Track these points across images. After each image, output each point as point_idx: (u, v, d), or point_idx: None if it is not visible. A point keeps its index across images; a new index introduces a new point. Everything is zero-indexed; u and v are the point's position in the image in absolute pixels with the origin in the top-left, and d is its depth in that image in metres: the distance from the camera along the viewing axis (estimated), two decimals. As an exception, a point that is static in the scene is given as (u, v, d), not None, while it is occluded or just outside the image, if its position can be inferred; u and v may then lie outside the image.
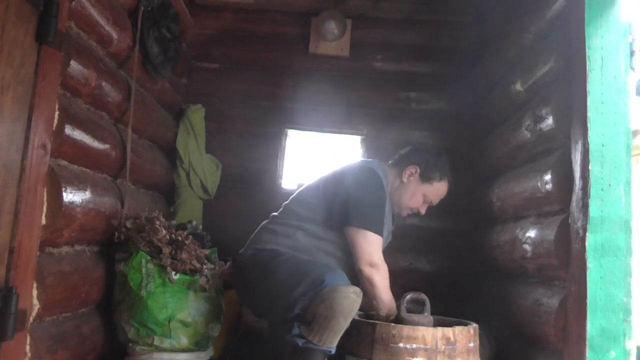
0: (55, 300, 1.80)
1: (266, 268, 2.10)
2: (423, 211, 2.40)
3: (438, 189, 2.35)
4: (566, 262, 1.81)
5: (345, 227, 2.14)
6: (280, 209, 2.35)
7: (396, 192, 2.34)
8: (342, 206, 2.17)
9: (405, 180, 2.33)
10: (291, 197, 2.37)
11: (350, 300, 1.87)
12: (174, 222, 2.74)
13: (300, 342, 1.88)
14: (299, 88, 3.46)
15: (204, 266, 2.31)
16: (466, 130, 3.39)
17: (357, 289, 1.92)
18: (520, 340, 2.30)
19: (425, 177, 2.32)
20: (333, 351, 1.92)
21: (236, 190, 3.35)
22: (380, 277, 2.09)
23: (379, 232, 2.14)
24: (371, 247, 2.11)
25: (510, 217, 2.55)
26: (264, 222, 2.34)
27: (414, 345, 1.84)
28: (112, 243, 2.20)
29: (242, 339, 2.51)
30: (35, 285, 1.67)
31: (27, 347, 1.63)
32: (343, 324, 1.88)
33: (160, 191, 3.09)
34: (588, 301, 1.65)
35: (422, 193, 2.33)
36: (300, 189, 2.38)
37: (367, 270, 2.09)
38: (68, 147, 1.86)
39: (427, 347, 1.84)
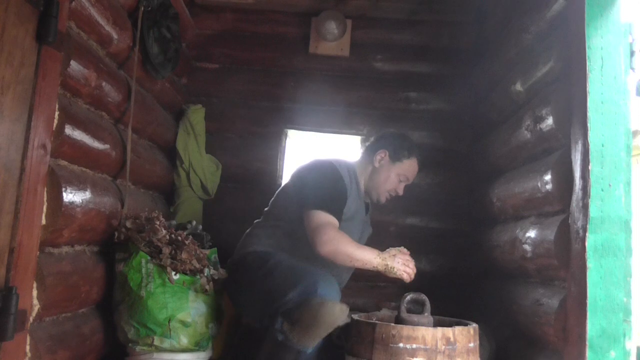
0: (55, 301, 1.80)
1: (259, 271, 2.17)
2: (401, 191, 2.52)
3: (410, 166, 2.49)
4: (566, 262, 1.81)
5: (302, 214, 2.22)
6: (262, 215, 2.46)
7: (371, 179, 2.47)
8: (298, 195, 2.29)
9: (377, 165, 2.46)
10: (270, 202, 2.48)
11: (334, 317, 1.92)
12: (173, 222, 2.74)
13: (279, 336, 1.97)
14: (299, 88, 3.46)
15: (206, 268, 2.31)
16: (466, 130, 3.39)
17: (344, 307, 1.96)
18: (520, 340, 2.30)
19: (395, 157, 2.46)
20: (309, 351, 1.99)
21: (236, 190, 3.34)
22: (342, 245, 2.10)
23: (328, 209, 2.18)
24: (318, 223, 2.14)
25: (510, 217, 2.55)
26: (248, 229, 2.44)
27: (414, 345, 1.84)
28: (112, 243, 2.20)
29: (242, 339, 2.51)
30: (35, 285, 1.67)
31: (27, 347, 1.63)
32: (324, 334, 1.95)
33: (160, 191, 3.09)
34: (588, 301, 1.64)
35: (396, 173, 2.46)
36: (277, 192, 2.49)
37: (324, 250, 2.10)
38: (68, 147, 1.86)
39: (427, 347, 1.84)
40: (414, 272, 2.18)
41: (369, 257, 2.12)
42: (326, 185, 2.27)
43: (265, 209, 2.48)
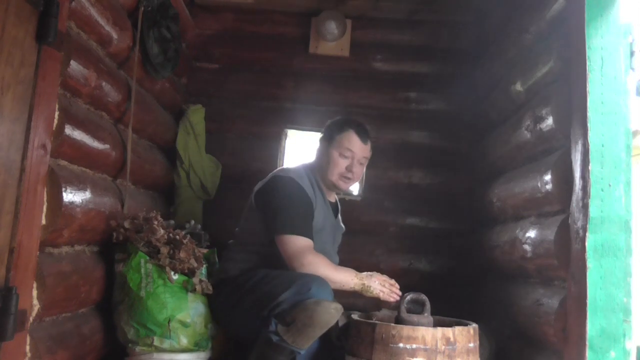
0: (55, 301, 1.80)
1: (245, 286, 2.19)
2: (354, 169, 2.37)
3: (345, 138, 2.36)
4: (566, 262, 1.81)
5: (274, 238, 2.21)
6: (234, 238, 2.45)
7: (320, 170, 2.41)
8: (266, 219, 2.26)
9: (319, 155, 2.44)
10: (238, 224, 2.47)
11: (330, 316, 1.94)
12: (172, 222, 2.74)
13: (274, 338, 1.98)
14: (299, 88, 3.46)
15: (199, 269, 2.30)
16: (466, 130, 3.39)
17: (339, 306, 1.97)
18: (520, 340, 2.30)
19: (329, 138, 2.40)
20: (302, 352, 2.01)
21: (236, 190, 3.34)
22: (320, 269, 2.10)
23: (301, 231, 2.18)
24: (295, 248, 2.15)
25: (510, 217, 2.55)
26: (224, 252, 2.44)
27: (414, 346, 1.84)
28: (112, 243, 2.20)
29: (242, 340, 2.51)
30: (35, 285, 1.66)
31: (27, 347, 1.63)
32: (319, 333, 1.96)
33: (160, 191, 3.09)
34: (588, 301, 1.64)
35: (336, 153, 2.35)
36: (242, 214, 2.46)
37: (304, 271, 2.11)
38: (68, 147, 1.86)
39: (427, 347, 1.84)
40: (397, 293, 2.18)
41: (347, 279, 2.14)
42: (292, 206, 2.23)
43: (237, 229, 2.46)
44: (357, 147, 2.37)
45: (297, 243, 2.16)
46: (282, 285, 2.05)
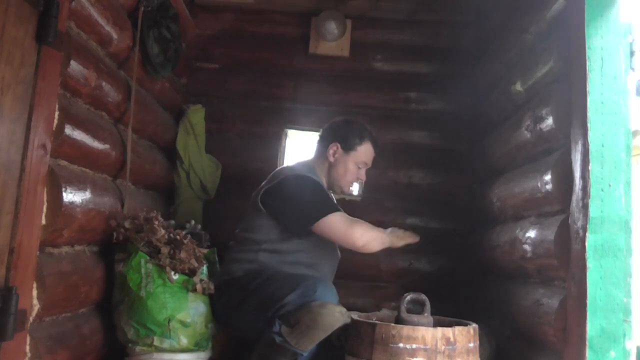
0: (55, 301, 1.80)
1: (249, 287, 2.19)
2: (363, 177, 2.54)
3: (365, 151, 2.49)
4: (566, 262, 1.81)
5: (311, 229, 2.24)
6: (235, 239, 2.45)
7: (330, 174, 2.48)
8: (292, 216, 2.28)
9: (332, 160, 2.46)
10: (239, 225, 2.47)
11: (334, 319, 1.96)
12: (172, 222, 2.74)
13: (277, 339, 1.99)
14: (299, 88, 3.46)
15: (203, 267, 2.30)
16: (466, 130, 3.39)
17: (344, 309, 2.00)
18: (520, 340, 2.30)
19: (348, 147, 2.46)
20: (305, 354, 2.03)
21: (236, 190, 3.34)
22: (369, 238, 2.26)
23: (335, 208, 2.30)
24: (342, 226, 2.24)
25: (510, 217, 2.55)
26: (226, 253, 2.45)
27: (414, 346, 1.84)
28: (112, 243, 2.20)
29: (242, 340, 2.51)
30: (35, 285, 1.67)
31: (27, 347, 1.63)
32: (322, 336, 1.98)
33: (160, 191, 3.09)
34: (588, 301, 1.64)
35: (353, 162, 2.46)
36: (244, 215, 2.47)
37: (359, 245, 2.23)
38: (68, 147, 1.86)
39: (427, 347, 1.84)
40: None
41: (386, 239, 2.33)
42: (316, 193, 2.31)
43: (237, 230, 2.46)
44: (371, 159, 2.52)
45: (337, 219, 2.24)
46: (287, 286, 2.05)
